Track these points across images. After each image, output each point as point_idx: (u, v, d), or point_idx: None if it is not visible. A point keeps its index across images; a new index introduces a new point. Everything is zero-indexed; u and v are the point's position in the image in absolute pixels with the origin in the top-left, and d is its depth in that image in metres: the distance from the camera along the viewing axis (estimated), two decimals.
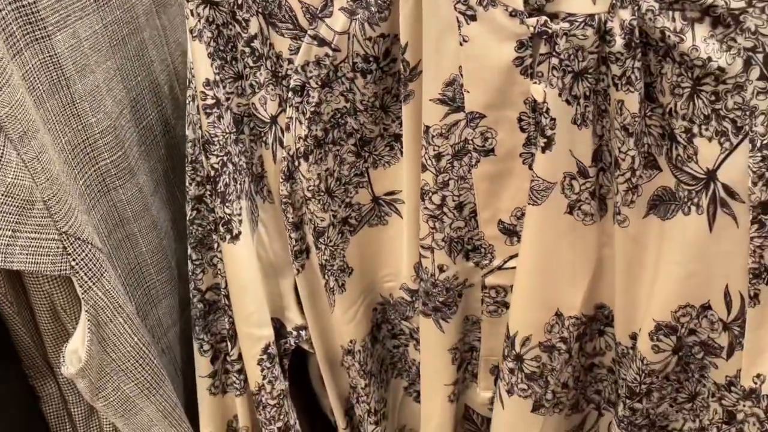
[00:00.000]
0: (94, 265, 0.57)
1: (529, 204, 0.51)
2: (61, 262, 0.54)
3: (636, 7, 0.42)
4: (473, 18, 0.46)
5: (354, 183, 0.59)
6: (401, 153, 0.57)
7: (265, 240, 0.63)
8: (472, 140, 0.51)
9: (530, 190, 0.50)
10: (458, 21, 0.47)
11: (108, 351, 0.61)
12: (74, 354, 0.61)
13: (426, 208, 0.55)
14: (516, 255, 0.55)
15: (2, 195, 0.49)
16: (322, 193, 0.57)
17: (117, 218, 0.65)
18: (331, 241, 0.60)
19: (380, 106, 0.55)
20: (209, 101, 0.56)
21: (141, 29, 0.67)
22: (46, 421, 0.68)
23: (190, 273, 0.67)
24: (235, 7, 0.54)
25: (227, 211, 0.59)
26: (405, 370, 0.72)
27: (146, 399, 0.65)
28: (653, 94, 0.45)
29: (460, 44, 0.47)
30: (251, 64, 0.56)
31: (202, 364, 0.68)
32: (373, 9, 0.49)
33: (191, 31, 0.54)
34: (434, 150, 0.52)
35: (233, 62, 0.56)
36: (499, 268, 0.57)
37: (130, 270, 0.68)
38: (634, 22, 0.42)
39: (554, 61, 0.45)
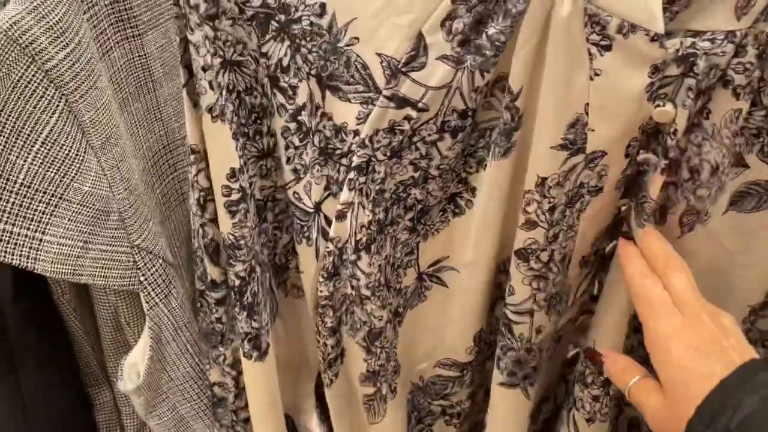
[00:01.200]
0: (163, 281, 0.53)
1: (637, 226, 0.47)
2: (131, 277, 0.51)
3: None
4: (608, 48, 0.41)
5: (404, 264, 0.50)
6: (453, 215, 0.49)
7: (281, 335, 0.55)
8: (587, 183, 0.46)
9: (638, 211, 0.46)
10: (590, 54, 0.42)
11: (167, 370, 0.57)
12: (133, 368, 0.58)
13: (531, 268, 0.47)
14: (581, 283, 0.52)
15: (78, 204, 0.46)
16: (382, 288, 0.48)
17: (190, 230, 0.61)
18: (387, 342, 0.51)
19: (452, 167, 0.47)
20: (235, 196, 0.45)
21: None
22: (98, 430, 0.65)
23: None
24: (278, 70, 0.42)
25: (255, 325, 0.49)
26: None
27: (201, 421, 0.62)
28: (758, 98, 0.43)
29: (591, 78, 0.42)
30: (296, 143, 0.45)
31: None
32: (488, 52, 0.41)
33: (211, 110, 0.42)
34: (549, 203, 0.45)
35: (257, 138, 0.45)
36: (571, 304, 0.53)
37: None
38: None
39: (690, 81, 0.42)
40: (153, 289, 0.53)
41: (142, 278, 0.52)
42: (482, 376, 0.58)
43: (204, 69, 0.41)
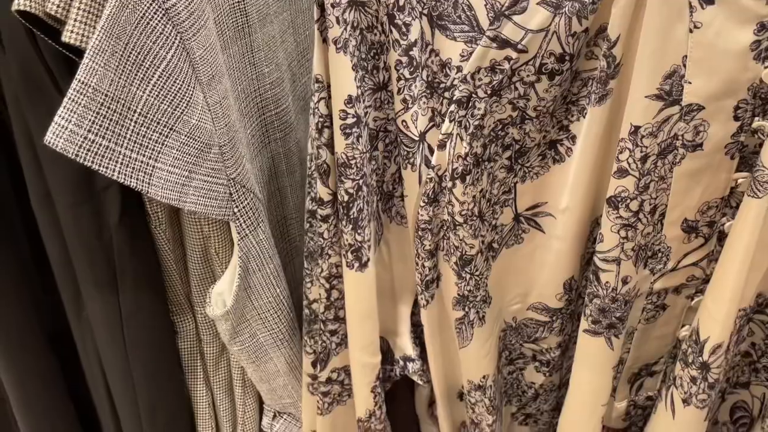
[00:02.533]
0: (254, 213, 0.57)
1: (749, 196, 0.47)
2: (227, 207, 0.55)
3: None
4: (710, 2, 0.43)
5: (501, 202, 0.54)
6: (553, 161, 0.52)
7: (386, 260, 0.58)
8: (682, 135, 0.47)
9: (754, 182, 0.46)
10: (690, 6, 0.43)
11: (252, 298, 0.62)
12: (219, 296, 0.63)
13: (620, 216, 0.49)
14: (689, 252, 0.53)
15: (186, 136, 0.50)
16: (475, 218, 0.52)
17: (273, 170, 0.65)
18: (477, 270, 0.54)
19: (551, 112, 0.49)
20: (350, 120, 0.50)
21: None
22: (180, 357, 0.70)
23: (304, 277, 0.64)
24: (395, 9, 0.47)
25: (359, 238, 0.54)
26: (516, 396, 0.68)
27: (278, 349, 0.66)
28: None
29: (690, 31, 0.44)
30: (407, 75, 0.49)
31: (305, 362, 0.65)
32: (586, 0, 0.43)
33: (335, 42, 0.47)
34: (641, 151, 0.47)
35: (374, 72, 0.50)
36: (672, 270, 0.54)
37: (276, 223, 0.69)
38: None
39: None
40: (244, 221, 0.57)
41: (235, 209, 0.56)
42: (572, 327, 0.60)
43: (333, 6, 0.47)
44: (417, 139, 0.51)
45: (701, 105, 0.46)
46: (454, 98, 0.47)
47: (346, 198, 0.53)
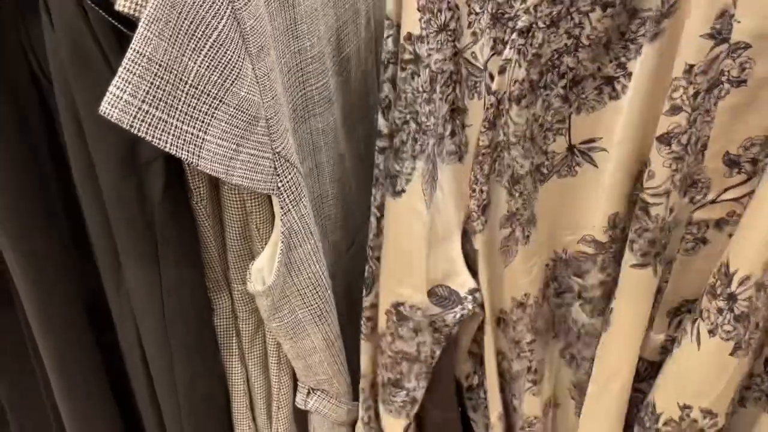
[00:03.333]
0: (297, 188, 0.57)
1: None
2: (271, 181, 0.55)
3: None
4: None
5: (554, 130, 0.57)
6: (609, 97, 0.55)
7: (440, 205, 0.61)
8: (728, 72, 0.50)
9: None
10: None
11: (292, 275, 0.62)
12: (259, 273, 0.63)
13: (672, 152, 0.52)
14: (731, 187, 0.55)
15: (234, 108, 0.50)
16: (527, 139, 0.56)
17: (312, 146, 0.65)
18: (526, 189, 0.58)
19: (605, 43, 0.53)
20: (407, 56, 0.54)
21: None
22: (216, 334, 0.70)
23: None
24: None
25: (396, 167, 0.58)
26: (563, 332, 0.70)
27: (315, 326, 0.66)
28: None
29: None
30: (477, 9, 0.53)
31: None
32: None
33: None
34: (694, 89, 0.50)
35: (438, 14, 0.53)
36: (712, 201, 0.56)
37: (314, 199, 0.68)
38: None
39: None
40: (288, 195, 0.57)
41: (279, 184, 0.56)
42: (614, 269, 0.62)
43: None
44: (482, 68, 0.54)
45: (748, 43, 0.48)
46: (516, 27, 0.51)
47: (392, 127, 0.57)
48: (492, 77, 0.54)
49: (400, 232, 0.60)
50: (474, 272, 0.63)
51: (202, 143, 0.49)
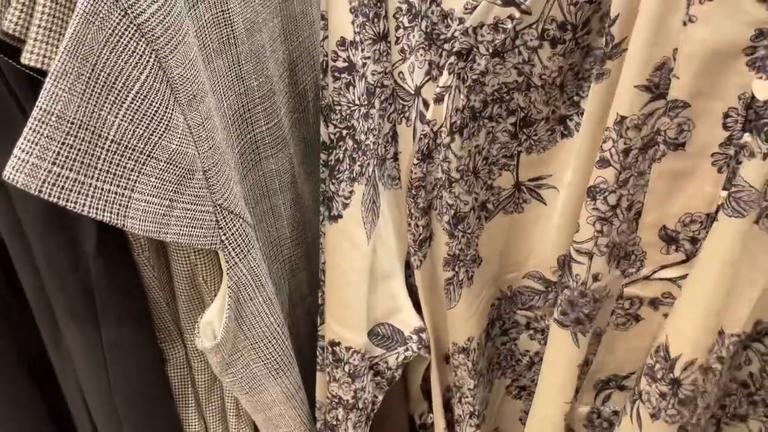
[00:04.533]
0: (243, 240, 0.53)
1: (727, 216, 0.45)
2: (213, 236, 0.51)
3: None
4: None
5: (500, 165, 0.53)
6: (561, 136, 0.51)
7: (383, 234, 0.56)
8: (665, 131, 0.45)
9: (733, 200, 0.44)
10: None
11: (243, 329, 0.58)
12: (209, 326, 0.59)
13: (596, 209, 0.48)
14: (668, 265, 0.51)
15: (165, 162, 0.46)
16: (470, 174, 0.51)
17: (265, 189, 0.61)
18: (469, 228, 0.54)
19: (559, 84, 0.48)
20: (340, 64, 0.49)
21: None
22: (170, 385, 0.66)
23: None
24: None
25: (332, 188, 0.53)
26: (510, 367, 0.66)
27: (273, 379, 0.62)
28: None
29: (684, 24, 0.41)
30: (406, 24, 0.48)
31: None
32: None
33: None
34: (625, 144, 0.45)
35: (375, 20, 0.48)
36: (646, 278, 0.52)
37: (270, 243, 0.64)
38: None
39: None
40: (233, 249, 0.53)
41: (223, 237, 0.51)
42: None
43: None
44: (413, 92, 0.50)
45: (687, 102, 0.44)
46: (453, 50, 0.46)
47: (327, 142, 0.52)
48: (426, 104, 0.50)
49: (336, 264, 0.56)
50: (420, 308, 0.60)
51: (128, 202, 0.45)
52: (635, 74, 0.43)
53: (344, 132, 0.51)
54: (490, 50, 0.46)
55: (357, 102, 0.50)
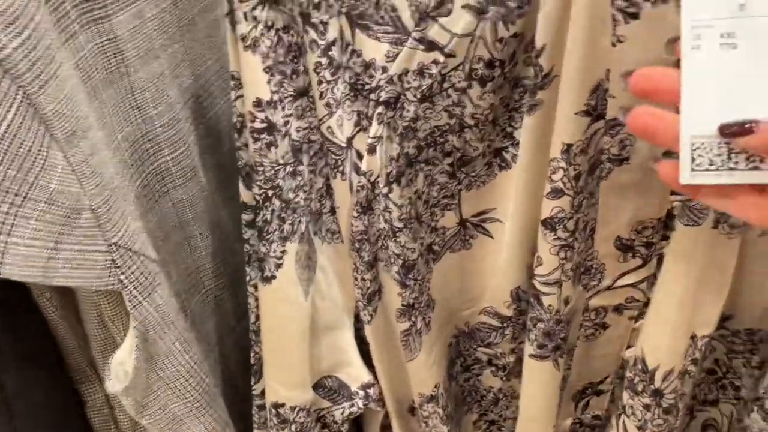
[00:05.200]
0: (146, 278, 0.50)
1: (684, 224, 0.46)
2: (109, 276, 0.48)
3: None
4: (635, 16, 0.40)
5: (441, 205, 0.52)
6: (499, 168, 0.50)
7: (323, 288, 0.55)
8: (608, 149, 0.46)
9: (687, 209, 0.46)
10: (614, 19, 0.40)
11: (156, 369, 0.55)
12: (121, 366, 0.56)
13: (558, 238, 0.47)
14: (628, 272, 0.51)
15: (45, 203, 0.43)
16: (413, 221, 0.49)
17: (176, 220, 0.58)
18: (420, 275, 0.52)
19: (491, 120, 0.47)
20: (258, 125, 0.47)
21: (214, 6, 0.59)
22: (92, 427, 0.63)
23: None
24: (310, 7, 0.44)
25: (263, 249, 0.51)
26: (476, 402, 0.65)
27: (195, 419, 0.59)
28: None
29: (613, 45, 0.41)
30: (328, 78, 0.46)
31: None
32: (511, 4, 0.41)
33: (243, 39, 0.44)
34: (575, 170, 0.45)
35: (294, 77, 0.47)
36: (608, 288, 0.52)
37: (188, 275, 0.62)
38: None
39: None
40: (135, 287, 0.50)
41: (122, 277, 0.49)
42: (524, 335, 0.57)
43: (240, 0, 0.43)
44: (344, 145, 0.48)
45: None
46: (380, 99, 0.45)
47: (249, 203, 0.51)
48: (360, 156, 0.48)
49: (274, 326, 0.54)
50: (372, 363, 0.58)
51: (5, 247, 0.42)
52: (573, 102, 0.43)
53: (270, 192, 0.49)
54: (418, 96, 0.44)
55: (281, 161, 0.48)
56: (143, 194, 0.54)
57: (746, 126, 0.33)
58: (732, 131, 0.33)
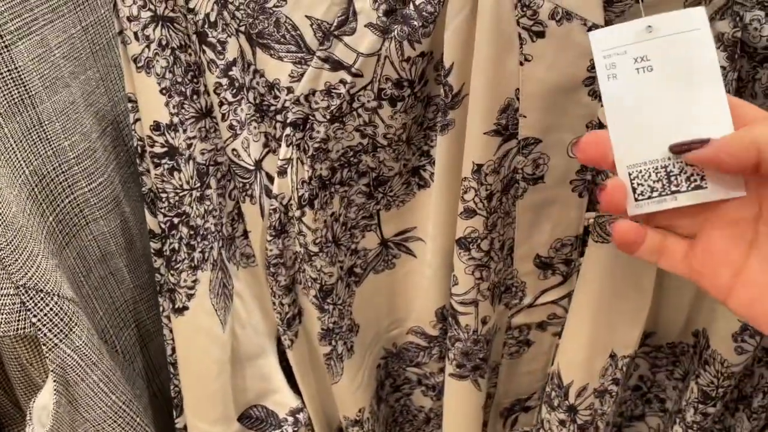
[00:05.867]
0: (61, 319, 0.48)
1: (595, 242, 0.46)
2: (19, 320, 0.46)
3: (737, 18, 0.39)
4: (540, 35, 0.39)
5: (361, 227, 0.50)
6: (418, 187, 0.49)
7: (242, 315, 0.53)
8: (522, 169, 0.45)
9: (597, 225, 0.45)
10: (520, 38, 0.39)
11: (81, 412, 0.52)
12: (43, 410, 0.53)
13: (472, 258, 0.46)
14: (547, 289, 0.51)
15: None
16: (329, 244, 0.47)
17: (98, 254, 0.56)
18: (339, 299, 0.50)
19: (405, 139, 0.46)
20: (158, 149, 0.44)
21: None
22: None
23: None
24: (206, 26, 0.42)
25: (172, 279, 0.49)
26: (407, 422, 0.64)
27: None
28: (743, 98, 0.40)
29: (521, 64, 0.40)
30: (230, 99, 0.44)
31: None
32: (415, 23, 0.39)
33: (135, 61, 0.42)
34: (486, 190, 0.44)
35: (194, 97, 0.44)
36: (530, 305, 0.52)
37: (115, 309, 0.59)
38: (738, 34, 0.39)
39: None
40: (49, 330, 0.47)
41: (34, 320, 0.46)
42: None
43: (129, 19, 0.41)
44: (253, 168, 0.46)
45: (538, 138, 0.43)
46: (288, 121, 0.43)
47: (159, 232, 0.48)
48: (270, 178, 0.46)
49: (191, 359, 0.51)
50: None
51: None
52: (482, 122, 0.42)
53: (176, 220, 0.47)
54: (328, 116, 0.43)
55: (186, 186, 0.46)
56: (58, 229, 0.51)
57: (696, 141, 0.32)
58: (682, 148, 0.33)
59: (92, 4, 0.52)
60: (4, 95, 0.45)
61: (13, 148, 0.46)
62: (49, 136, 0.49)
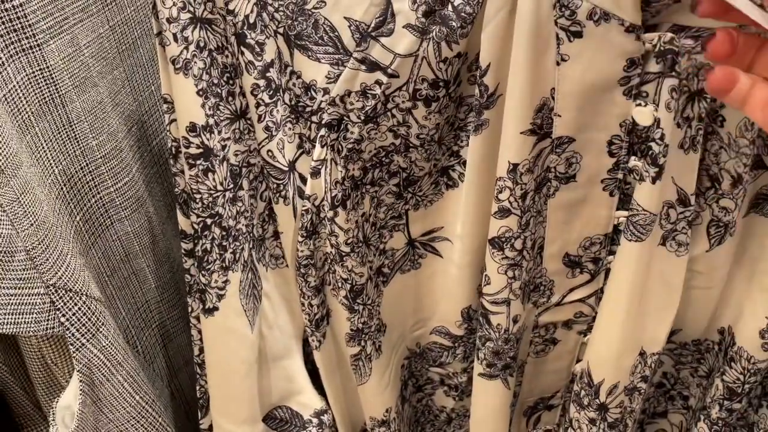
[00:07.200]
0: (89, 319, 0.48)
1: (628, 240, 0.46)
2: (48, 320, 0.45)
3: None
4: (578, 35, 0.39)
5: (389, 227, 0.50)
6: (446, 187, 0.49)
7: (270, 316, 0.53)
8: (554, 167, 0.45)
9: (630, 224, 0.45)
10: (557, 38, 0.40)
11: (105, 412, 0.52)
12: (67, 410, 0.53)
13: (506, 257, 0.46)
14: (575, 287, 0.51)
15: None
16: (360, 244, 0.47)
17: (122, 253, 0.56)
18: (369, 299, 0.50)
19: (438, 140, 0.46)
20: (193, 150, 0.44)
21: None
22: None
23: None
24: (245, 27, 0.42)
25: (203, 280, 0.49)
26: (429, 422, 0.64)
27: None
28: None
29: (557, 63, 0.41)
30: (267, 100, 0.44)
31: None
32: (453, 24, 0.40)
33: (173, 62, 0.42)
34: (521, 189, 0.44)
35: (230, 99, 0.45)
36: (557, 304, 0.52)
37: (137, 309, 0.59)
38: None
39: (672, 81, 0.41)
40: (77, 330, 0.47)
41: (62, 319, 0.46)
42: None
43: (169, 21, 0.41)
44: (287, 169, 0.46)
45: (571, 137, 0.43)
46: (323, 122, 0.43)
47: (191, 232, 0.48)
48: (303, 179, 0.46)
49: (219, 359, 0.51)
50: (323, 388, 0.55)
51: None
52: (519, 121, 0.42)
53: (209, 221, 0.47)
54: (362, 117, 0.43)
55: (220, 187, 0.46)
56: (85, 229, 0.51)
57: None
58: None
59: (120, 3, 0.52)
60: (35, 94, 0.45)
61: (43, 147, 0.46)
62: (77, 136, 0.49)
